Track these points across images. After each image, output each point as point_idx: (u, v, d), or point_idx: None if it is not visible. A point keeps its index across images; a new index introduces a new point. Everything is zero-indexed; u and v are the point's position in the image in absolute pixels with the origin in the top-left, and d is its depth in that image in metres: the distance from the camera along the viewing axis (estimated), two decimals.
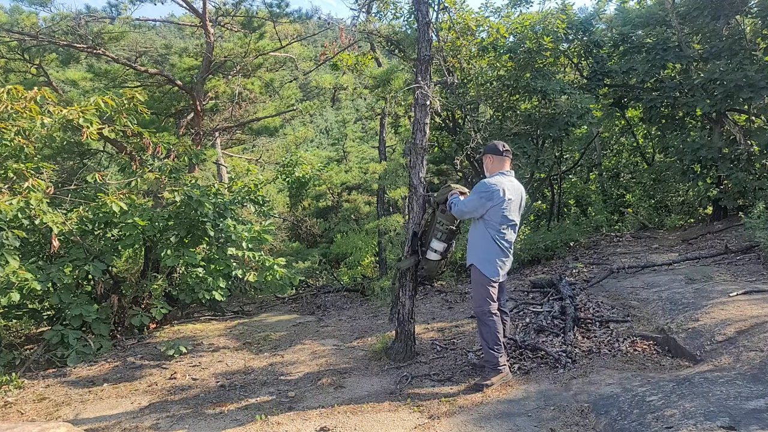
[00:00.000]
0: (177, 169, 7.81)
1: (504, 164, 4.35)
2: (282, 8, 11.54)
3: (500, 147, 4.34)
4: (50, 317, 7.12)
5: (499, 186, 4.18)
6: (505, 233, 4.25)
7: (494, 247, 4.24)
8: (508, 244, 4.29)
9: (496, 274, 4.28)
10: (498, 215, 4.19)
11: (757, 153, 10.57)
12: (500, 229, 4.23)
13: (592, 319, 5.78)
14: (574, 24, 11.61)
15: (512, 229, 4.30)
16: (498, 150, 4.35)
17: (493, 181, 4.22)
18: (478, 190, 4.24)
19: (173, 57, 13.00)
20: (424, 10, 5.44)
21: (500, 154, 4.33)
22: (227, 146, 16.83)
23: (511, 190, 4.22)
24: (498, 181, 4.23)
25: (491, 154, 4.38)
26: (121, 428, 4.19)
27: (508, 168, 4.37)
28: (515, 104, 11.46)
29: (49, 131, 6.28)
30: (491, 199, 4.16)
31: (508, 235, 4.27)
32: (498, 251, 4.26)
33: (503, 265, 4.34)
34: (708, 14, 10.96)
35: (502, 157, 4.34)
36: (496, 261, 4.27)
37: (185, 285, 7.26)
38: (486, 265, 4.27)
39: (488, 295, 4.29)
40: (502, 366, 4.35)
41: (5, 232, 5.49)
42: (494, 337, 4.31)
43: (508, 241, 4.29)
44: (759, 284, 5.92)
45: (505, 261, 4.33)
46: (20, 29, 10.02)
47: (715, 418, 3.08)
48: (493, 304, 4.31)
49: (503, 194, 4.15)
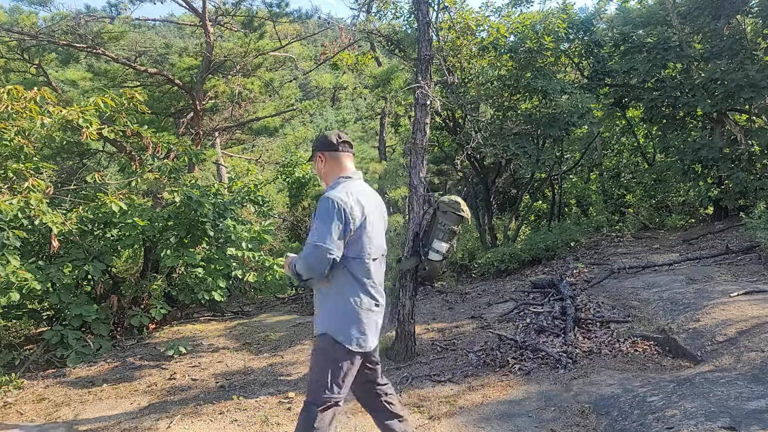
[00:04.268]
0: (177, 169, 7.80)
1: (344, 164, 2.80)
2: (282, 8, 11.55)
3: (334, 139, 2.80)
4: (50, 317, 7.11)
5: (347, 200, 2.60)
6: (369, 273, 2.68)
7: (359, 297, 2.65)
8: (371, 290, 2.68)
9: (361, 342, 2.65)
10: (358, 246, 2.64)
11: (758, 153, 10.55)
12: (365, 266, 2.66)
13: (593, 320, 5.77)
14: (574, 24, 11.59)
15: (380, 262, 2.76)
16: (331, 144, 2.80)
17: (337, 195, 2.62)
18: (320, 216, 2.60)
19: (173, 57, 12.99)
20: (424, 9, 5.43)
21: (335, 149, 2.79)
22: (227, 146, 16.83)
23: (368, 203, 2.70)
24: (344, 192, 2.64)
25: (322, 150, 2.82)
26: (121, 429, 4.18)
27: (353, 169, 2.82)
28: (516, 104, 11.44)
29: (48, 131, 6.29)
30: (342, 222, 2.57)
31: (375, 272, 2.71)
32: (366, 302, 2.66)
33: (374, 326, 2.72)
34: (709, 14, 10.95)
35: (339, 154, 2.79)
36: (362, 321, 2.65)
37: (185, 285, 7.26)
38: (346, 329, 2.62)
39: (342, 377, 2.63)
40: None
41: (6, 232, 5.48)
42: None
43: (371, 285, 2.69)
44: (760, 284, 5.90)
45: (378, 315, 2.74)
46: (20, 29, 10.02)
47: (715, 419, 3.07)
48: (341, 391, 2.62)
49: (359, 212, 2.63)
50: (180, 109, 12.72)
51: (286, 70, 14.47)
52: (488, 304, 7.50)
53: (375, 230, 2.69)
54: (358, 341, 2.63)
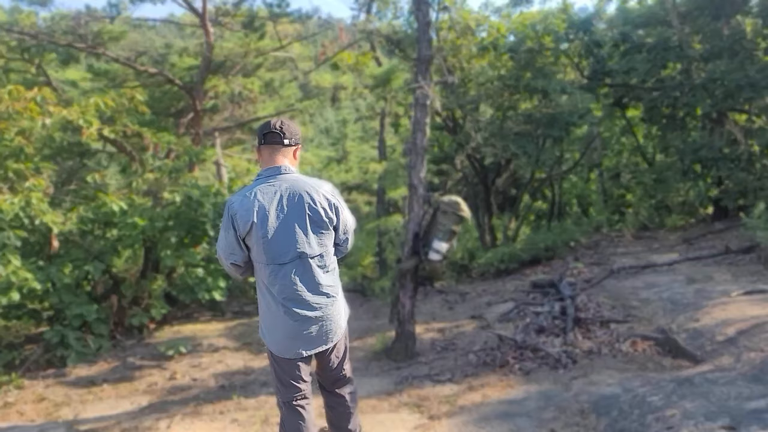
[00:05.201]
0: (177, 169, 7.80)
1: (267, 158, 2.52)
2: (282, 8, 11.54)
3: (260, 130, 2.56)
4: (50, 317, 7.11)
5: (236, 205, 2.43)
6: (275, 279, 2.43)
7: (267, 303, 2.49)
8: (280, 296, 2.44)
9: (281, 349, 2.50)
10: (255, 251, 2.45)
11: (757, 153, 10.56)
12: (268, 274, 2.44)
13: (593, 320, 5.77)
14: (574, 23, 11.60)
15: (282, 272, 2.43)
16: (258, 136, 2.56)
17: (231, 199, 2.50)
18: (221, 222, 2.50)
19: (173, 56, 12.99)
20: (425, 9, 5.44)
21: (260, 142, 2.53)
22: (227, 146, 16.80)
23: (270, 204, 2.41)
24: (242, 194, 2.48)
25: (256, 143, 2.58)
26: (121, 428, 4.18)
27: (274, 162, 2.50)
28: (516, 104, 11.45)
29: (49, 131, 6.29)
30: (230, 228, 2.44)
31: (272, 281, 2.44)
32: (274, 308, 2.46)
33: (281, 333, 2.49)
34: (709, 14, 10.96)
35: (263, 147, 2.52)
36: (276, 327, 2.49)
37: (185, 285, 7.25)
38: (266, 333, 2.54)
39: (278, 378, 2.56)
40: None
41: (6, 232, 5.49)
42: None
43: (280, 291, 2.43)
44: (760, 284, 5.91)
45: (284, 325, 2.46)
46: (20, 29, 10.02)
47: (715, 419, 3.08)
48: (285, 391, 2.54)
49: (247, 216, 2.40)
50: (180, 109, 12.71)
51: (286, 70, 14.46)
52: (488, 304, 7.50)
53: (278, 232, 2.39)
54: (277, 347, 2.50)
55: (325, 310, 2.50)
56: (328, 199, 2.47)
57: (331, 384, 2.65)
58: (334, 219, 2.50)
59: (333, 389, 2.66)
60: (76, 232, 6.52)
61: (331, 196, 2.50)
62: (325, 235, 2.48)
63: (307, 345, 2.50)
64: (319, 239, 2.47)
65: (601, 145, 16.38)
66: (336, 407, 2.68)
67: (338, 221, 2.52)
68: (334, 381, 2.65)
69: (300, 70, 13.80)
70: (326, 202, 2.47)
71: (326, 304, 2.51)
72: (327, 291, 2.51)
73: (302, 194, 2.44)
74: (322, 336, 2.51)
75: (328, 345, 2.55)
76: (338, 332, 2.58)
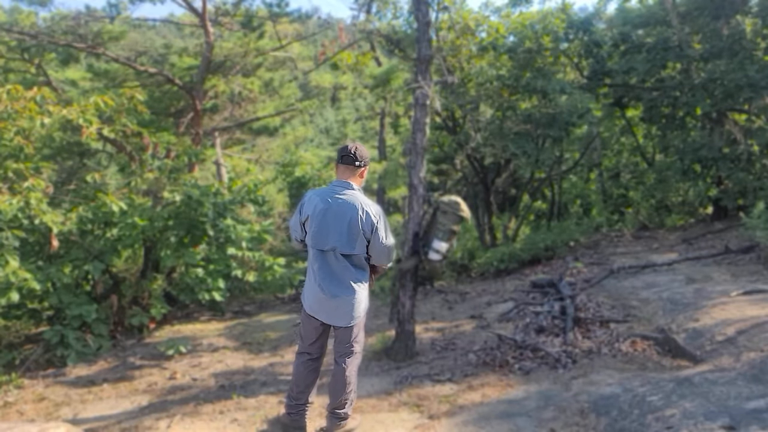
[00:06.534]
0: (176, 168, 7.80)
1: (343, 174, 3.32)
2: (282, 8, 11.54)
3: (340, 152, 3.35)
4: (50, 317, 7.11)
5: (306, 199, 3.31)
6: (315, 261, 3.28)
7: (309, 277, 3.33)
8: (318, 273, 3.25)
9: (308, 307, 3.33)
10: (309, 236, 3.29)
11: (757, 153, 10.56)
12: (312, 255, 3.30)
13: (593, 319, 5.77)
14: (574, 23, 11.60)
15: (330, 256, 3.24)
16: (337, 156, 3.38)
17: (311, 192, 3.37)
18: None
19: (173, 56, 12.98)
20: (424, 9, 5.44)
21: (339, 161, 3.33)
22: (227, 146, 16.81)
23: (323, 203, 3.22)
24: (312, 192, 3.36)
25: (335, 161, 3.44)
26: (121, 428, 4.18)
27: (344, 177, 3.30)
28: (515, 104, 11.45)
29: (48, 131, 6.29)
30: (298, 213, 3.34)
31: (315, 261, 3.28)
32: (312, 283, 3.30)
33: (312, 298, 3.30)
34: (708, 14, 10.96)
35: (340, 165, 3.32)
36: (310, 294, 3.30)
37: (185, 285, 7.25)
38: (304, 297, 3.38)
39: (300, 333, 3.43)
40: (285, 413, 3.46)
41: (5, 232, 5.49)
42: (292, 378, 3.46)
43: (318, 270, 3.26)
44: (759, 284, 5.91)
45: (315, 294, 3.27)
46: (20, 29, 10.01)
47: (715, 418, 3.08)
48: (301, 343, 3.41)
49: (308, 209, 3.25)
50: (180, 109, 12.71)
51: (285, 70, 14.46)
52: (488, 304, 7.51)
53: (322, 227, 3.20)
54: (307, 305, 3.31)
55: (343, 295, 3.21)
56: (370, 217, 3.18)
57: (340, 356, 3.35)
58: (367, 232, 3.19)
59: (340, 360, 3.35)
60: (75, 232, 6.52)
61: (373, 216, 3.20)
62: (357, 241, 3.19)
63: (326, 317, 3.27)
64: (351, 242, 3.19)
65: (600, 145, 16.38)
66: (336, 375, 3.34)
67: (371, 236, 3.21)
68: (342, 354, 3.34)
69: (300, 70, 13.81)
70: (366, 217, 3.18)
71: (346, 292, 3.21)
72: (350, 282, 3.22)
73: (352, 206, 3.19)
74: (339, 315, 3.25)
75: (342, 324, 3.27)
76: (354, 318, 3.26)
